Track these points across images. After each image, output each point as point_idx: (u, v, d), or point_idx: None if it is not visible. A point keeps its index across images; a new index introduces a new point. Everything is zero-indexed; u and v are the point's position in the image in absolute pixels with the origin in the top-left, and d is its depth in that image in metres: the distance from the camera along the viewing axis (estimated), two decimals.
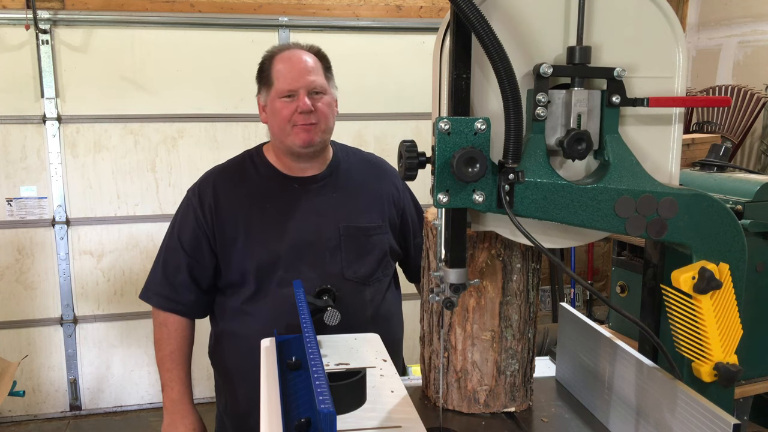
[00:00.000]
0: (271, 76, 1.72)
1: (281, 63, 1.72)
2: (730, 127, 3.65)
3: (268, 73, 1.74)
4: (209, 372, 1.93)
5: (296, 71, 1.70)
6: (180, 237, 1.78)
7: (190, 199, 1.81)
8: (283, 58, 1.73)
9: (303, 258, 1.73)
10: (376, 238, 1.81)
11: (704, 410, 1.03)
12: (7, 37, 3.52)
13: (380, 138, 3.96)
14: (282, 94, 1.70)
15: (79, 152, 3.68)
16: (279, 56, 1.74)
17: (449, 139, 1.04)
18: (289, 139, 1.72)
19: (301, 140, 1.71)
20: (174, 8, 3.68)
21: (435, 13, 4.01)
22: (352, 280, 1.76)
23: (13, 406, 3.78)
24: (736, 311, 1.16)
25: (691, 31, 4.33)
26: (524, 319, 1.40)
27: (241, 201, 1.76)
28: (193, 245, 1.77)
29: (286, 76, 1.70)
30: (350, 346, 1.49)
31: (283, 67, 1.71)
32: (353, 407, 1.20)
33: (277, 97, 1.70)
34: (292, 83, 1.69)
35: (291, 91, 1.69)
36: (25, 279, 3.72)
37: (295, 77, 1.70)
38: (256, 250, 1.72)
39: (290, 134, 1.71)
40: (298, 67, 1.71)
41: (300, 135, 1.70)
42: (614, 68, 1.12)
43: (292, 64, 1.71)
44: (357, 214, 1.79)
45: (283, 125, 1.71)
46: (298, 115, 1.69)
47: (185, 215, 1.80)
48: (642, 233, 1.13)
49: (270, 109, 1.74)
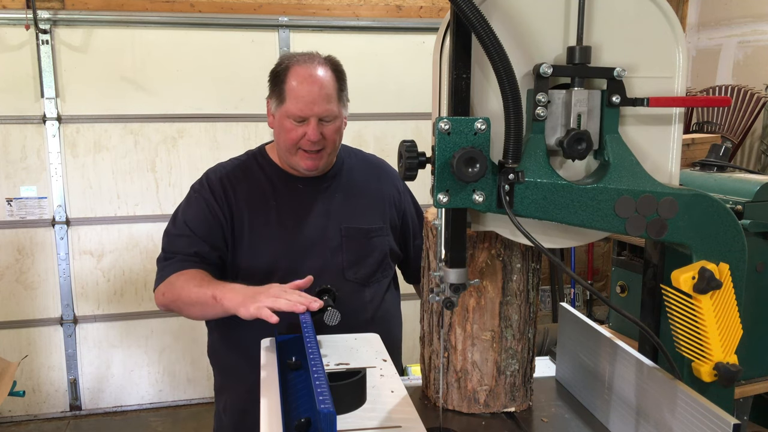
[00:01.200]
0: (284, 92, 1.66)
1: (296, 80, 1.65)
2: (730, 127, 3.65)
3: (281, 86, 1.68)
4: (209, 372, 1.93)
5: (310, 97, 1.64)
6: (187, 223, 1.72)
7: (198, 191, 1.77)
8: (299, 75, 1.66)
9: (305, 258, 1.72)
10: (376, 239, 1.81)
11: (704, 410, 1.03)
12: (7, 37, 3.51)
13: (380, 138, 3.96)
14: (293, 117, 1.66)
15: (79, 152, 3.68)
16: (296, 70, 1.67)
17: (449, 139, 1.04)
18: (293, 160, 1.72)
19: (305, 165, 1.71)
20: (174, 8, 3.68)
21: (435, 13, 4.01)
22: (352, 281, 1.76)
23: (13, 406, 3.78)
24: (736, 311, 1.16)
25: (691, 31, 4.33)
26: (524, 319, 1.40)
27: (247, 199, 1.75)
28: (204, 231, 1.71)
29: (299, 100, 1.64)
30: (350, 346, 1.49)
31: (298, 87, 1.65)
32: (353, 407, 1.20)
33: (287, 116, 1.67)
34: (304, 110, 1.65)
35: (302, 117, 1.66)
36: (25, 279, 3.72)
37: (308, 104, 1.64)
38: (260, 248, 1.72)
39: (295, 156, 1.71)
40: (313, 93, 1.64)
41: (305, 161, 1.71)
42: (614, 68, 1.12)
43: (308, 86, 1.65)
44: (358, 216, 1.80)
45: (289, 146, 1.70)
46: (305, 141, 1.67)
47: (192, 205, 1.75)
48: (642, 233, 1.13)
49: (278, 123, 1.71)
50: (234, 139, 3.84)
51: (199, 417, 3.84)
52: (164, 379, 3.94)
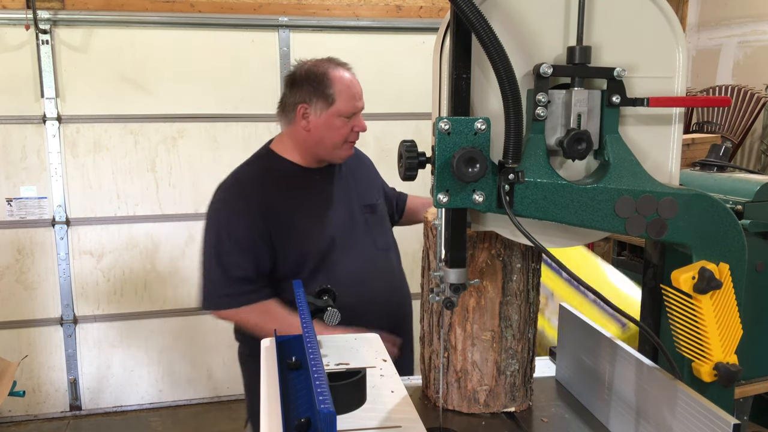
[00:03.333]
0: (333, 95, 1.85)
1: (341, 84, 1.86)
2: (730, 127, 3.65)
3: (327, 90, 1.85)
4: (209, 372, 1.94)
5: (356, 95, 1.89)
6: (233, 239, 1.84)
7: (229, 203, 1.87)
8: (342, 80, 1.87)
9: (350, 234, 1.93)
10: (381, 210, 2.09)
11: (704, 410, 1.03)
12: (7, 37, 3.51)
13: (380, 138, 3.96)
14: (345, 114, 1.86)
15: (79, 152, 3.68)
16: (336, 74, 1.87)
17: (449, 139, 1.04)
18: (337, 152, 1.91)
19: (347, 154, 1.94)
20: (174, 8, 3.68)
21: (435, 13, 4.01)
22: (382, 249, 2.01)
23: (13, 406, 3.78)
24: (736, 311, 1.16)
25: (691, 31, 4.33)
26: (524, 319, 1.40)
27: (280, 198, 1.89)
28: (251, 244, 1.84)
29: (350, 99, 1.87)
30: (350, 346, 1.49)
31: (345, 89, 1.87)
32: (353, 407, 1.20)
33: (338, 115, 1.86)
34: (356, 106, 1.89)
35: (353, 113, 1.88)
36: (25, 279, 3.72)
37: (356, 101, 1.89)
38: (312, 234, 1.88)
39: (340, 149, 1.91)
40: (357, 91, 1.90)
41: (347, 151, 1.93)
42: (614, 68, 1.12)
43: (353, 87, 1.89)
44: (367, 194, 2.05)
45: (338, 141, 1.89)
46: (353, 133, 1.90)
47: (233, 219, 1.85)
48: (642, 233, 1.13)
49: (325, 122, 1.87)
50: (234, 139, 3.84)
51: (198, 417, 3.84)
52: (164, 379, 3.94)
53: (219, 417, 3.81)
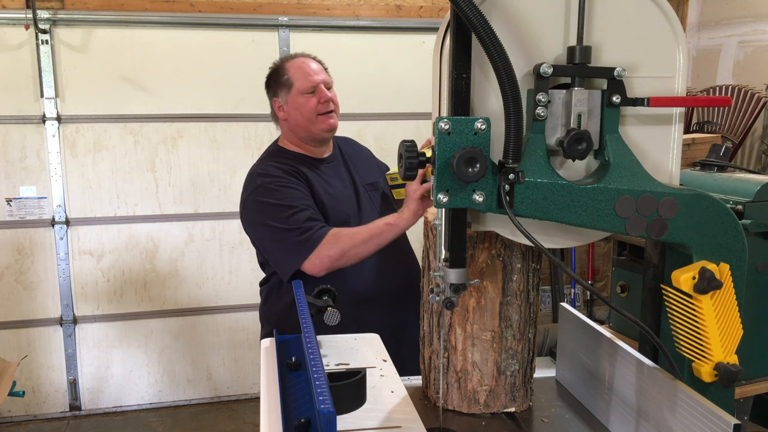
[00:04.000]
0: (290, 79, 2.03)
1: (296, 68, 2.04)
2: (731, 127, 3.65)
3: (284, 77, 2.04)
4: (209, 372, 1.93)
5: (312, 72, 2.04)
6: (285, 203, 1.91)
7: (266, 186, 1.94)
8: (296, 64, 2.05)
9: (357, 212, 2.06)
10: (383, 188, 2.21)
11: (704, 410, 1.03)
12: (6, 37, 3.51)
13: (380, 138, 3.96)
14: (305, 90, 2.01)
15: (78, 152, 3.68)
16: (291, 62, 2.06)
17: (449, 139, 1.04)
18: (315, 127, 2.02)
19: (327, 126, 2.03)
20: (174, 8, 3.68)
21: (435, 13, 4.01)
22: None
23: (13, 407, 3.77)
24: (736, 311, 1.16)
25: (691, 31, 4.33)
26: (524, 319, 1.40)
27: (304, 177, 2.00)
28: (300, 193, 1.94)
29: (306, 76, 2.02)
30: (350, 346, 1.49)
31: (300, 69, 2.04)
32: (353, 407, 1.20)
33: (300, 94, 2.01)
34: (313, 80, 2.02)
35: (312, 87, 2.01)
36: (24, 279, 3.72)
37: (312, 75, 2.03)
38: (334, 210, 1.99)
39: (316, 123, 2.02)
40: (313, 68, 2.05)
41: (325, 122, 2.02)
42: (614, 68, 1.12)
43: (307, 66, 2.04)
44: (368, 175, 2.19)
45: (310, 116, 2.01)
46: (321, 104, 2.01)
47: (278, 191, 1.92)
48: (642, 233, 1.13)
49: (292, 105, 2.03)
50: (234, 139, 3.84)
51: (199, 417, 3.84)
52: (164, 379, 3.94)
53: (219, 417, 3.81)
